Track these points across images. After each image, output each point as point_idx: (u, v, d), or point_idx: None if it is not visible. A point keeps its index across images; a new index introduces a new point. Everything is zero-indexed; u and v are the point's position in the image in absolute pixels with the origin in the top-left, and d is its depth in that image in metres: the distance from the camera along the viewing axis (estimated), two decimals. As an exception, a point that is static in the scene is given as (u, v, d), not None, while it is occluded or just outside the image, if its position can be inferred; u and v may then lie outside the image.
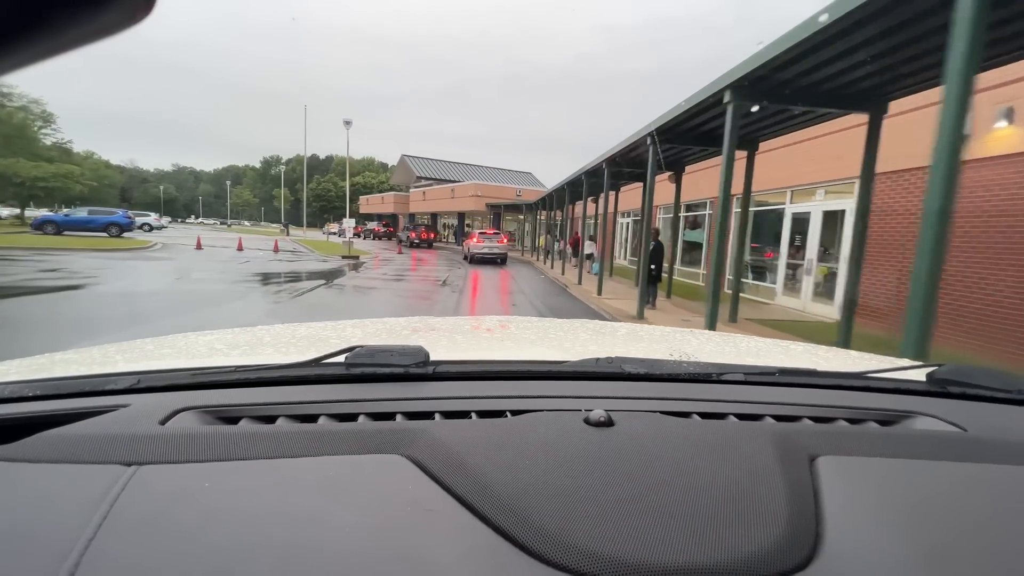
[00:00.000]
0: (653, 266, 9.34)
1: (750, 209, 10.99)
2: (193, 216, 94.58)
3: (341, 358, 0.79)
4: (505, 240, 22.74)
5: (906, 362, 1.09)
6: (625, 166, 11.54)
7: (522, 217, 36.08)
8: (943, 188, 2.84)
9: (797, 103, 5.85)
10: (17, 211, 33.42)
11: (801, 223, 10.58)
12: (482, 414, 0.70)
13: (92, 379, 0.78)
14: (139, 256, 16.11)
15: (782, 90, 5.62)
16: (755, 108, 6.36)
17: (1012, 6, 3.58)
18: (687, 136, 8.42)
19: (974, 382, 0.84)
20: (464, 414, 0.70)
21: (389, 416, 0.69)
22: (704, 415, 0.73)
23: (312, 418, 0.68)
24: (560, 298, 11.55)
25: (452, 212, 39.07)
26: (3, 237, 19.16)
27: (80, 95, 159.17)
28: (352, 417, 0.68)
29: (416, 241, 31.86)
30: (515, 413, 0.70)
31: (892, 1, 3.67)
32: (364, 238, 44.61)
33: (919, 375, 0.90)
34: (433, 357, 0.82)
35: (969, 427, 0.72)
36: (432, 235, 32.70)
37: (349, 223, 22.80)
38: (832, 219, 9.75)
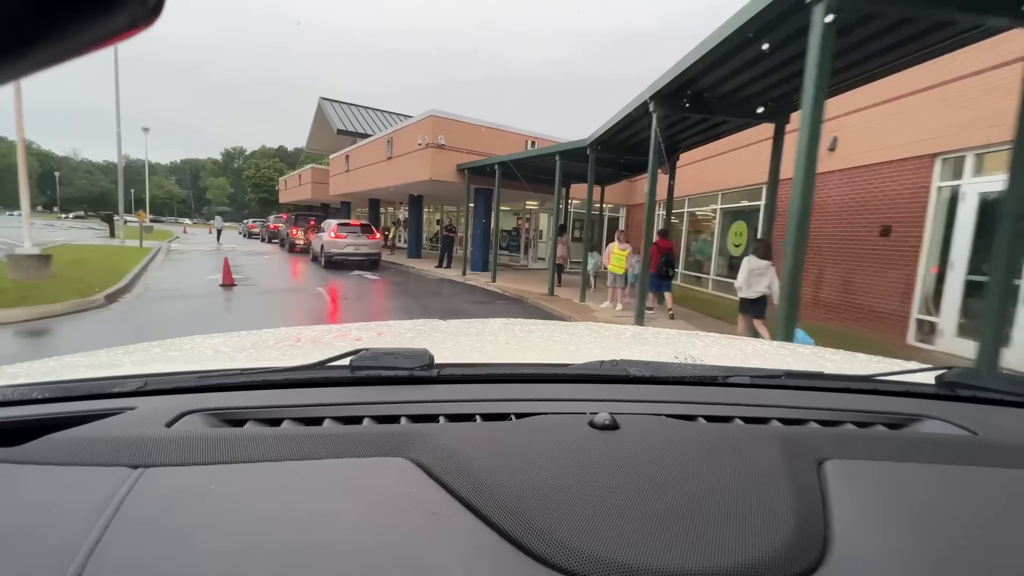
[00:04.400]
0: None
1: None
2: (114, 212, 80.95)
3: (346, 361, 0.79)
4: (378, 236, 15.11)
5: (914, 365, 1.05)
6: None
7: (535, 206, 19.05)
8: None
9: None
10: None
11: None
12: (486, 417, 0.70)
13: (99, 382, 0.78)
14: None
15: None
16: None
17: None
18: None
19: (984, 385, 0.83)
20: (468, 417, 0.70)
21: (393, 419, 0.69)
22: (709, 418, 0.72)
23: (317, 421, 0.68)
24: None
25: (398, 189, 17.96)
26: None
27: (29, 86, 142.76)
28: (357, 420, 0.68)
29: (299, 243, 19.49)
30: (519, 416, 0.69)
31: None
32: (264, 240, 30.79)
33: (928, 378, 0.88)
34: (437, 360, 0.81)
35: (979, 431, 0.70)
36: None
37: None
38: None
